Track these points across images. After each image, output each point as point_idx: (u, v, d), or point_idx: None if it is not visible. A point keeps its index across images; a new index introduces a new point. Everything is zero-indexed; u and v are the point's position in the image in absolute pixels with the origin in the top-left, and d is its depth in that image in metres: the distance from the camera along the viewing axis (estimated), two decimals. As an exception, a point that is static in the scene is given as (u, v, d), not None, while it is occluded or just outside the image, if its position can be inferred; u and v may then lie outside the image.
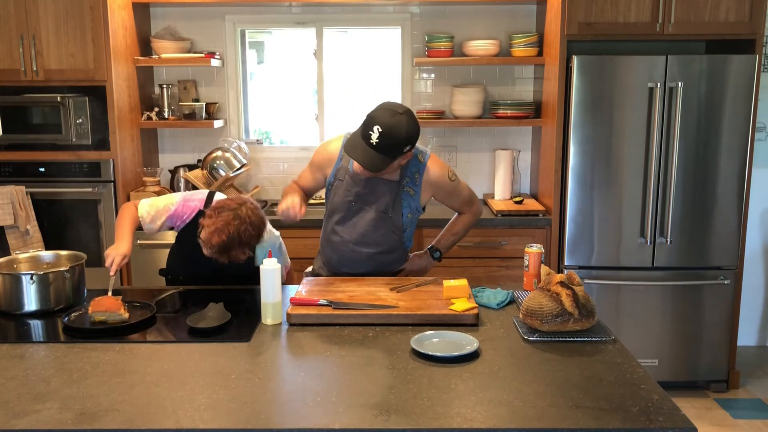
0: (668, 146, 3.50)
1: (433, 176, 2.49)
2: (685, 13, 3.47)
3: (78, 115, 3.63)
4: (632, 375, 1.74)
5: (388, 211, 2.48)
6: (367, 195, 2.48)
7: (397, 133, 2.25)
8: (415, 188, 2.48)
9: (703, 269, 3.63)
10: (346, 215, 2.53)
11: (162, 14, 4.12)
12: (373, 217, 2.49)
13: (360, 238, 2.52)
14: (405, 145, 2.30)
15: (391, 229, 2.52)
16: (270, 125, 4.62)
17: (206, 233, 2.27)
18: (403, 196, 2.48)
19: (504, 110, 3.95)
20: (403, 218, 2.51)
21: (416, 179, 2.47)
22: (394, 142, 2.26)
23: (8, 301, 2.25)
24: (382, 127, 2.24)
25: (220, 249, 2.26)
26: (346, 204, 2.51)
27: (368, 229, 2.51)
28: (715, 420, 3.42)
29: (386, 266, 2.61)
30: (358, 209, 2.50)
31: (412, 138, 2.32)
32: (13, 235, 3.63)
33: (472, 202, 2.68)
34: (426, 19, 4.10)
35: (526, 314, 2.02)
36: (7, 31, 3.57)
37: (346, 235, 2.54)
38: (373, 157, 2.27)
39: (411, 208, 2.51)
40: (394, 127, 2.25)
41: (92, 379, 1.73)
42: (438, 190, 2.54)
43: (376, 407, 1.56)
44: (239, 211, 2.28)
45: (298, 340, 1.99)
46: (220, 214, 2.28)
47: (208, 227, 2.27)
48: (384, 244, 2.54)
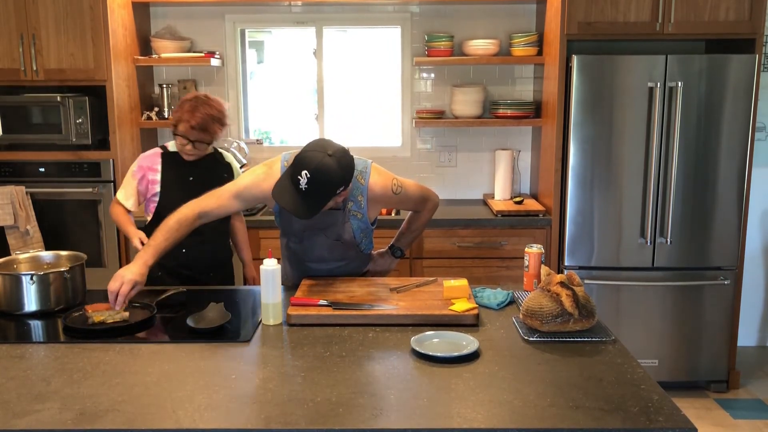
0: (668, 146, 3.50)
1: (376, 194, 2.40)
2: (684, 12, 3.47)
3: (78, 114, 3.63)
4: (632, 375, 1.74)
5: (340, 236, 2.43)
6: (314, 224, 2.41)
7: (327, 177, 2.12)
8: (360, 210, 2.40)
9: (703, 269, 3.63)
10: (299, 239, 2.49)
11: (162, 14, 4.11)
12: (325, 242, 2.45)
13: (317, 258, 2.50)
14: (337, 187, 2.18)
15: (345, 249, 2.48)
16: (270, 125, 4.62)
17: (184, 124, 2.66)
18: (351, 220, 2.41)
19: (504, 110, 3.95)
20: (356, 238, 2.45)
21: (360, 202, 2.39)
22: (323, 188, 2.14)
23: (8, 301, 2.24)
24: (310, 172, 2.10)
25: (200, 126, 2.64)
26: (296, 232, 2.47)
27: (323, 251, 2.47)
28: (715, 420, 3.42)
29: (349, 272, 2.56)
30: (311, 235, 2.45)
31: (344, 180, 2.19)
32: (13, 236, 3.63)
33: (425, 199, 2.58)
34: (426, 19, 4.10)
35: (526, 314, 2.02)
36: (7, 31, 3.57)
37: (302, 255, 2.52)
38: (301, 204, 2.15)
39: (361, 228, 2.44)
40: (322, 172, 2.11)
41: (92, 379, 1.73)
42: (385, 204, 2.50)
43: (376, 407, 1.56)
44: (199, 96, 2.71)
45: (298, 340, 1.99)
46: (183, 106, 2.69)
47: (182, 119, 2.65)
48: (342, 260, 2.51)
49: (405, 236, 2.70)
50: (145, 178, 2.82)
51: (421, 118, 4.04)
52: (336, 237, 2.43)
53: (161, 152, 2.83)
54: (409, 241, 2.72)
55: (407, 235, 2.70)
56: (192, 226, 2.34)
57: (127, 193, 2.83)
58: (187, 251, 2.75)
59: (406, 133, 4.24)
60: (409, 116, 4.21)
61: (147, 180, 2.81)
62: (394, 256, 2.70)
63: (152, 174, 2.81)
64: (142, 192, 2.84)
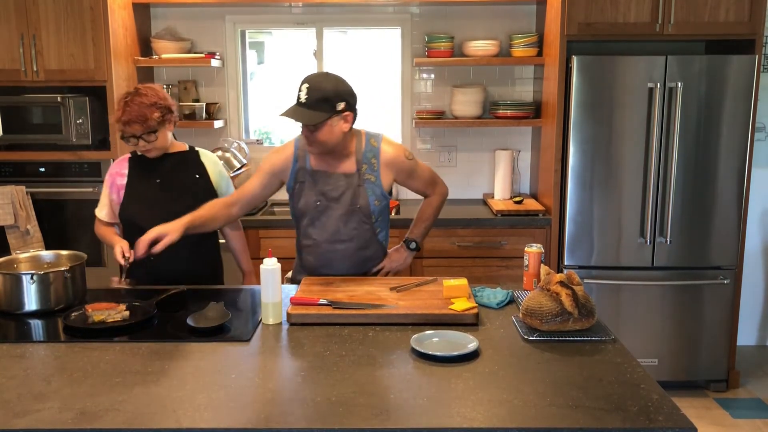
0: (668, 146, 3.50)
1: (388, 156, 2.49)
2: (684, 13, 3.47)
3: (78, 115, 3.63)
4: (632, 375, 1.74)
5: (355, 203, 2.47)
6: (330, 192, 2.48)
7: (323, 87, 2.30)
8: (374, 173, 2.48)
9: (703, 269, 3.63)
10: (314, 216, 2.52)
11: (162, 14, 4.12)
12: (341, 212, 2.48)
13: (332, 236, 2.51)
14: (335, 99, 2.31)
15: (361, 220, 2.50)
16: (270, 125, 4.62)
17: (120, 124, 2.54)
18: (366, 184, 2.47)
19: (504, 110, 3.96)
20: (371, 207, 2.50)
21: (374, 164, 2.48)
22: (321, 96, 2.29)
23: (8, 300, 2.25)
24: (308, 83, 2.31)
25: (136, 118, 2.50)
26: (312, 205, 2.51)
27: (339, 225, 2.50)
28: (714, 420, 3.43)
29: (364, 263, 2.59)
30: (325, 208, 2.49)
31: (341, 92, 2.33)
32: (14, 235, 3.63)
33: (435, 182, 2.67)
34: (426, 20, 4.10)
35: (525, 314, 2.03)
36: (7, 31, 3.57)
37: (318, 237, 2.53)
38: (303, 113, 2.30)
39: (376, 194, 2.49)
40: (320, 82, 2.32)
41: (92, 378, 1.73)
42: (398, 172, 2.53)
43: (376, 407, 1.57)
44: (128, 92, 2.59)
45: (298, 340, 1.99)
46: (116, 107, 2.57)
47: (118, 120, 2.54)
48: (357, 238, 2.52)
49: (417, 226, 2.71)
50: (115, 184, 2.70)
51: (421, 119, 4.04)
52: (350, 203, 2.47)
53: (129, 157, 2.73)
54: (422, 232, 2.71)
55: (419, 224, 2.71)
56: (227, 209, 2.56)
57: (101, 203, 2.75)
58: (155, 258, 2.51)
59: (406, 134, 4.24)
60: (409, 116, 4.21)
61: (116, 186, 2.70)
62: (409, 249, 2.68)
63: (120, 179, 2.69)
64: (116, 201, 2.70)
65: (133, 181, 2.68)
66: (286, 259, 2.95)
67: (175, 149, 2.72)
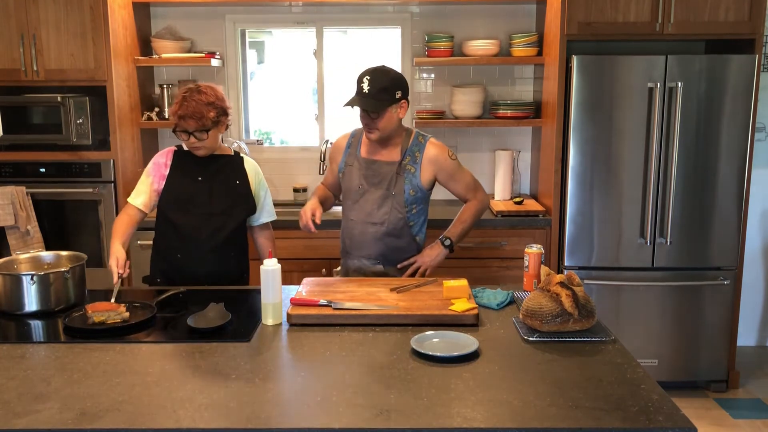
0: (668, 146, 3.50)
1: (432, 153, 2.67)
2: (684, 13, 3.47)
3: (78, 115, 3.63)
4: (632, 375, 1.74)
5: (390, 189, 2.66)
6: (371, 177, 2.69)
7: (384, 77, 2.56)
8: (415, 165, 2.66)
9: (703, 269, 3.63)
10: (354, 197, 2.73)
11: (162, 14, 4.12)
12: (377, 196, 2.68)
13: (367, 217, 2.70)
14: (394, 89, 2.56)
15: (394, 207, 2.67)
16: (270, 125, 4.62)
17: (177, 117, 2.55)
18: (405, 174, 2.66)
19: (504, 110, 3.96)
20: (405, 195, 2.66)
21: (417, 157, 2.67)
22: (382, 86, 2.54)
23: (9, 301, 2.25)
24: (369, 75, 2.56)
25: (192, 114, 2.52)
26: (355, 187, 2.73)
27: (374, 208, 2.69)
28: (714, 420, 3.43)
29: (395, 251, 2.71)
30: (365, 191, 2.70)
31: (399, 81, 2.59)
32: (14, 236, 3.63)
33: (477, 188, 2.80)
34: (426, 19, 4.10)
35: (526, 314, 2.03)
36: (7, 31, 3.58)
37: (355, 216, 2.73)
38: (366, 101, 2.55)
39: (412, 185, 2.66)
40: (380, 73, 2.57)
41: (93, 379, 1.73)
42: (439, 170, 2.68)
43: (376, 407, 1.57)
44: (190, 87, 2.60)
45: (298, 340, 2.00)
46: (175, 100, 2.58)
47: (175, 113, 2.55)
48: (389, 222, 2.68)
49: (455, 226, 2.79)
50: (159, 173, 2.68)
51: (422, 119, 4.04)
52: (387, 189, 2.67)
53: (174, 149, 2.73)
54: (459, 232, 2.78)
55: (457, 225, 2.80)
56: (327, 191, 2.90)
57: (138, 190, 2.68)
58: (182, 256, 2.66)
59: (406, 134, 4.24)
60: (409, 116, 4.21)
61: (161, 174, 2.67)
62: (444, 245, 2.74)
63: (165, 169, 2.68)
64: (158, 189, 2.67)
65: (174, 175, 2.67)
66: (287, 260, 2.97)
67: (220, 152, 2.74)
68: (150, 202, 2.68)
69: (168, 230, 2.67)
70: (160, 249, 2.72)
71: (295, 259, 3.48)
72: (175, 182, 2.67)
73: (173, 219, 2.65)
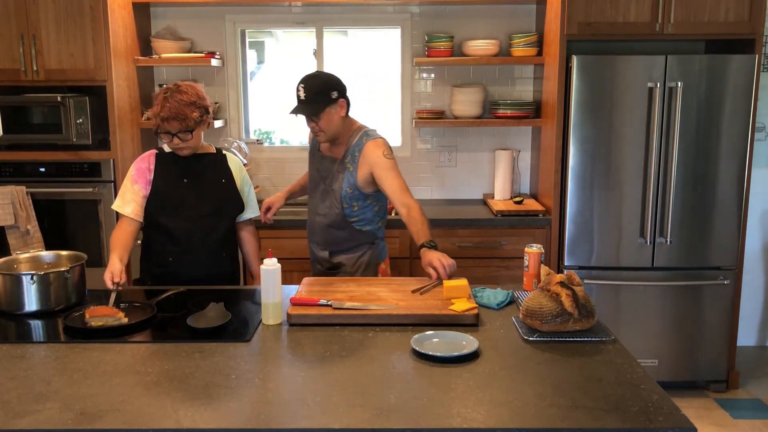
0: (668, 146, 3.50)
1: (367, 152, 2.72)
2: (684, 12, 3.47)
3: (78, 115, 3.63)
4: (632, 375, 1.74)
5: (330, 185, 2.78)
6: (321, 171, 2.83)
7: (317, 81, 2.66)
8: (353, 164, 2.73)
9: (703, 269, 3.63)
10: (311, 189, 2.91)
11: (162, 14, 4.12)
12: (322, 189, 2.82)
13: (315, 208, 2.86)
14: (329, 90, 2.64)
15: (333, 202, 2.78)
16: (270, 125, 4.62)
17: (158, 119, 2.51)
18: (344, 172, 2.74)
19: (504, 110, 3.96)
20: (342, 192, 2.75)
21: (356, 156, 2.74)
22: (316, 90, 2.63)
23: (9, 301, 2.25)
24: (304, 83, 2.65)
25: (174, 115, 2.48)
26: (311, 179, 2.92)
27: (319, 201, 2.84)
28: (714, 420, 3.43)
29: (339, 240, 2.81)
30: (316, 184, 2.86)
31: (332, 82, 2.67)
32: (14, 236, 3.63)
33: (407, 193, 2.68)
34: (426, 19, 4.10)
35: (526, 314, 2.03)
36: (7, 31, 3.57)
37: (309, 207, 2.93)
38: (304, 108, 2.64)
39: (349, 183, 2.74)
40: (313, 78, 2.68)
41: (93, 379, 1.73)
42: (373, 166, 2.71)
43: (376, 407, 1.57)
44: (169, 87, 2.55)
45: (298, 340, 1.99)
46: (155, 101, 2.55)
47: (156, 114, 2.51)
48: (329, 216, 2.80)
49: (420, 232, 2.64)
50: (145, 178, 2.61)
51: (421, 118, 4.04)
52: (329, 184, 2.79)
53: (156, 152, 2.67)
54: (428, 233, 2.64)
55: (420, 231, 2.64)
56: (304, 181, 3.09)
57: (125, 199, 2.61)
58: (174, 259, 2.62)
59: (406, 133, 4.24)
60: (409, 116, 4.21)
61: (146, 181, 2.61)
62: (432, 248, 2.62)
63: (149, 174, 2.62)
64: (144, 195, 2.61)
65: (160, 178, 2.62)
66: (287, 260, 2.97)
67: (203, 150, 2.71)
68: (140, 209, 2.62)
69: (158, 234, 2.63)
70: (151, 253, 2.69)
71: (295, 259, 3.48)
72: (161, 186, 2.61)
73: (163, 223, 2.61)
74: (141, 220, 2.63)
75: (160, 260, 2.65)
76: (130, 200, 2.61)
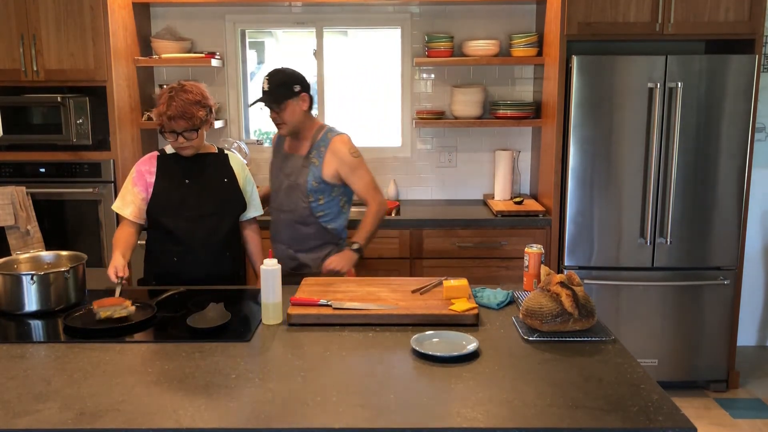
0: (668, 146, 3.50)
1: (335, 147, 2.82)
2: (684, 13, 3.47)
3: (78, 115, 3.63)
4: (632, 375, 1.74)
5: (296, 180, 2.84)
6: (286, 169, 2.89)
7: (280, 75, 2.77)
8: (319, 158, 2.82)
9: (703, 269, 3.63)
10: (275, 188, 2.95)
11: (162, 14, 4.12)
12: (287, 185, 2.87)
13: (280, 206, 2.91)
14: (291, 83, 2.76)
15: (299, 196, 2.83)
16: (270, 126, 4.61)
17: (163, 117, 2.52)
18: (310, 166, 2.82)
19: (504, 110, 3.96)
20: (308, 185, 2.81)
21: (321, 151, 2.83)
22: (279, 81, 2.75)
23: (9, 301, 2.25)
24: (268, 76, 2.77)
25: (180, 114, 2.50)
26: (274, 179, 2.96)
27: (283, 196, 2.88)
28: (714, 420, 3.43)
29: (305, 237, 2.87)
30: (280, 182, 2.91)
31: (295, 76, 2.79)
32: (14, 236, 3.63)
33: (376, 191, 2.90)
34: (426, 19, 4.10)
35: (526, 314, 2.03)
36: (7, 31, 3.57)
37: (273, 205, 2.97)
38: (267, 98, 2.75)
39: (314, 176, 2.81)
40: (277, 72, 2.79)
41: (93, 379, 1.73)
42: (340, 164, 2.81)
43: (376, 407, 1.57)
44: (173, 87, 2.58)
45: (298, 340, 2.00)
46: (159, 100, 2.56)
47: (161, 113, 2.52)
48: (295, 211, 2.85)
49: (360, 231, 2.87)
50: (144, 180, 2.63)
51: (421, 119, 4.04)
52: (293, 178, 2.84)
53: (157, 155, 2.68)
54: (365, 237, 2.86)
55: (361, 231, 2.87)
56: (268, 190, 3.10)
57: (125, 201, 2.64)
58: (177, 259, 2.64)
59: (406, 134, 4.24)
60: (409, 116, 4.21)
61: (146, 183, 2.63)
62: (351, 249, 2.82)
63: (149, 176, 2.64)
64: (146, 198, 2.63)
65: (161, 180, 2.63)
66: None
67: (204, 150, 2.71)
68: (139, 212, 2.64)
69: (161, 235, 2.65)
70: (155, 253, 2.70)
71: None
72: (163, 188, 2.62)
73: (166, 224, 2.62)
74: (140, 221, 2.65)
75: (164, 260, 2.66)
76: (130, 202, 2.65)
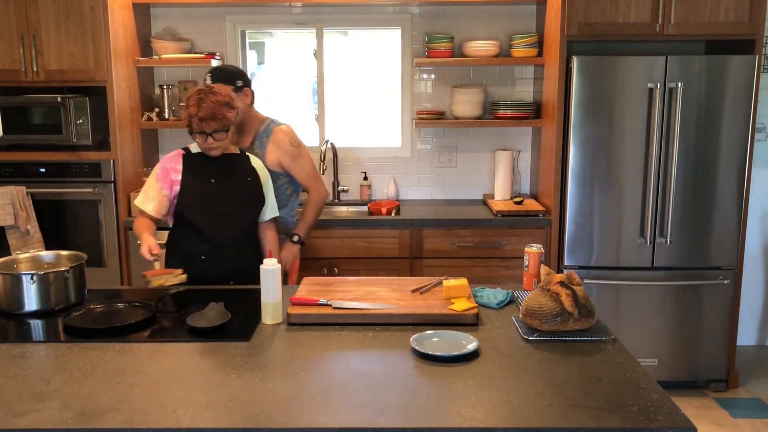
0: (668, 146, 3.50)
1: (276, 137, 2.96)
2: (684, 13, 3.47)
3: (78, 115, 3.64)
4: (632, 375, 1.74)
5: None
6: None
7: (223, 71, 2.92)
8: (261, 149, 2.95)
9: (703, 269, 3.63)
10: None
11: (162, 14, 4.12)
12: None
13: None
14: (234, 78, 2.87)
15: None
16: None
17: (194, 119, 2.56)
18: None
19: (504, 111, 3.96)
20: None
21: (264, 141, 2.97)
22: (222, 77, 2.86)
23: (9, 301, 2.25)
24: (211, 72, 2.90)
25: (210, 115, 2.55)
26: None
27: None
28: (714, 419, 3.43)
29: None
30: None
31: (238, 72, 2.93)
32: (14, 236, 3.63)
33: (316, 180, 3.07)
34: (426, 20, 4.10)
35: (525, 314, 2.03)
36: (7, 31, 3.58)
37: None
38: None
39: None
40: (220, 68, 2.96)
41: (92, 378, 1.73)
42: (282, 153, 2.96)
43: (376, 407, 1.57)
44: (201, 89, 2.63)
45: (298, 340, 2.00)
46: (189, 102, 2.59)
47: (191, 115, 2.56)
48: None
49: (300, 223, 3.07)
50: (169, 178, 2.66)
51: (421, 119, 4.04)
52: None
53: (183, 153, 2.72)
54: (306, 229, 3.06)
55: (302, 223, 3.07)
56: None
57: (148, 196, 2.68)
58: (206, 258, 2.66)
59: (406, 134, 4.24)
60: (409, 117, 4.21)
61: (171, 180, 2.66)
62: (292, 241, 3.01)
63: (174, 174, 2.67)
64: (168, 195, 2.67)
65: (187, 178, 2.67)
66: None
67: (228, 151, 2.75)
68: (161, 208, 2.68)
69: (189, 233, 2.68)
70: (181, 252, 2.71)
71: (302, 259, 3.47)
72: (190, 186, 2.66)
73: (195, 222, 2.65)
74: (159, 217, 2.71)
75: (191, 258, 2.66)
76: (153, 198, 2.68)
